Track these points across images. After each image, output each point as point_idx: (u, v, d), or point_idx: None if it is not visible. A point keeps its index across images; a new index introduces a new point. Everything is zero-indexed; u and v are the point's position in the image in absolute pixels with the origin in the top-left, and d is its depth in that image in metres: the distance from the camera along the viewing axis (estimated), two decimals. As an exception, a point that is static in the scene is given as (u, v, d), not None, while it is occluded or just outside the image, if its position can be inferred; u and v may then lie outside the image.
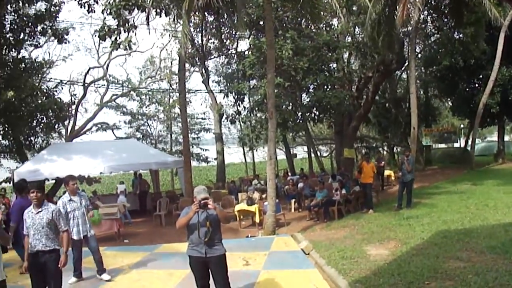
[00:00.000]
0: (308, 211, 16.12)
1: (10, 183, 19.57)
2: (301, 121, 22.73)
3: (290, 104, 21.71)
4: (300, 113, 22.04)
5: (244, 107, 24.88)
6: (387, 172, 23.37)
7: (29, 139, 21.94)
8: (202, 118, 36.70)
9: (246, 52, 24.37)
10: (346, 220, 14.24)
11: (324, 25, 23.28)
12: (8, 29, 17.58)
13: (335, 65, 22.53)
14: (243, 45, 33.28)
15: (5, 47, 17.28)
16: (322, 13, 19.07)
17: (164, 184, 34.90)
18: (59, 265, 6.47)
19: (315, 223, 14.90)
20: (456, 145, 39.91)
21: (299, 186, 19.07)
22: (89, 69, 31.95)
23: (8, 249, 10.41)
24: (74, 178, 9.17)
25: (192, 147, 31.95)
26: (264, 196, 15.77)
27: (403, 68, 28.35)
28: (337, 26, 23.03)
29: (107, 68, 32.26)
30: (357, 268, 8.35)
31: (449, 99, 35.11)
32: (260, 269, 9.18)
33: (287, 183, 20.79)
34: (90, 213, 9.12)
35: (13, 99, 15.83)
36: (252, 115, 25.17)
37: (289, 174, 28.33)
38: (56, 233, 6.66)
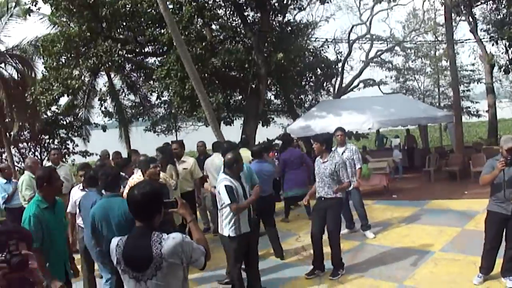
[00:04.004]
0: None
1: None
2: None
3: None
4: None
5: (518, 55, 22.64)
6: None
7: (299, 97, 23.14)
8: (471, 70, 34.50)
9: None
10: None
11: None
12: (273, -6, 18.48)
13: None
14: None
15: (271, 12, 18.29)
16: None
17: (431, 140, 34.01)
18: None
19: None
20: None
21: None
22: (352, 27, 32.21)
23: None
24: (339, 130, 9.33)
25: (462, 100, 30.31)
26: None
27: None
28: None
29: (370, 24, 32.23)
30: None
31: None
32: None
33: None
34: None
35: (283, 61, 16.73)
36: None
37: None
38: (338, 183, 6.99)
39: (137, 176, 6.73)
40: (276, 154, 14.09)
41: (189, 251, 3.09)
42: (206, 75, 15.89)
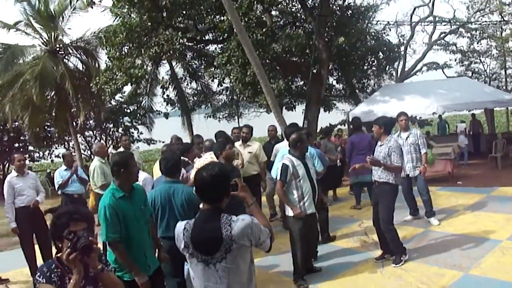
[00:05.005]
0: None
1: (345, 125, 20.85)
2: None
3: None
4: None
5: None
6: None
7: (361, 82, 22.84)
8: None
9: None
10: None
11: None
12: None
13: None
14: None
15: (331, -5, 18.09)
16: None
17: (498, 125, 32.97)
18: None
19: None
20: None
21: None
22: (414, 9, 31.46)
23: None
24: (402, 115, 9.23)
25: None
26: None
27: None
28: None
29: (432, 5, 31.27)
30: None
31: None
32: None
33: None
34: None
35: (344, 45, 16.55)
36: None
37: None
38: (387, 168, 6.86)
39: (210, 156, 6.66)
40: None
41: (257, 233, 3.06)
42: (267, 61, 15.87)
